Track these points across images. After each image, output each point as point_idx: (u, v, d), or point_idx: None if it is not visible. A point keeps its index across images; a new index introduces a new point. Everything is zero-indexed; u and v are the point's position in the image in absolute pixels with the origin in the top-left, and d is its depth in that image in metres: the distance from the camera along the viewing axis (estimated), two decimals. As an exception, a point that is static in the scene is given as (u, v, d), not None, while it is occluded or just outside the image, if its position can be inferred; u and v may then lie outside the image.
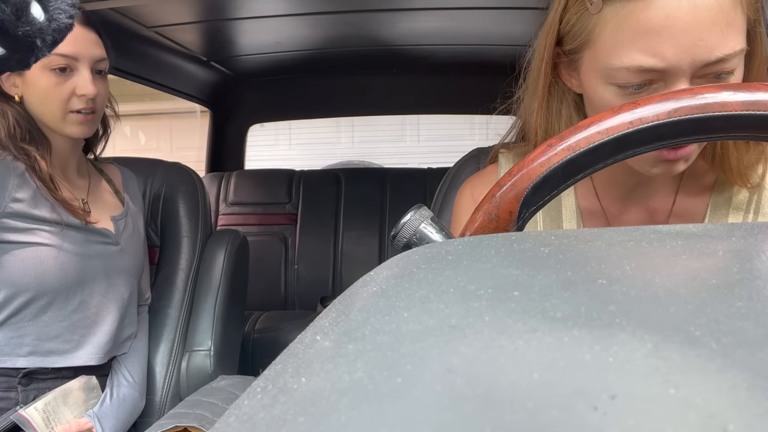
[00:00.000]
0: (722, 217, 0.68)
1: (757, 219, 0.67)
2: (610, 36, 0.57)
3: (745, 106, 0.38)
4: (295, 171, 2.47)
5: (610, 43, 0.57)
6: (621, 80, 0.57)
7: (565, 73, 0.67)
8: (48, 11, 0.68)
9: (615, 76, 0.58)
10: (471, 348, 0.17)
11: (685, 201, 0.70)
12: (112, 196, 1.22)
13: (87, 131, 1.08)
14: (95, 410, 1.07)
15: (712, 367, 0.15)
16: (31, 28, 0.66)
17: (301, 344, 0.21)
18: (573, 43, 0.62)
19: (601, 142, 0.40)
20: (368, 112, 2.71)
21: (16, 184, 1.02)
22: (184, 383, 1.26)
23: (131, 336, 1.19)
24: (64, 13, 0.70)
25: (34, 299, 1.02)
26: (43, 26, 0.68)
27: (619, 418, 0.13)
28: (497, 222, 0.41)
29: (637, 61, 0.55)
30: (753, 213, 0.67)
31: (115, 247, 1.14)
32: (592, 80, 0.61)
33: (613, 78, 0.58)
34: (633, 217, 0.72)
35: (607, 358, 0.15)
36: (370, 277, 0.25)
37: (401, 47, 2.03)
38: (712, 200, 0.69)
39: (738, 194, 0.68)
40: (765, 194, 0.68)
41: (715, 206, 0.69)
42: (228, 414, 0.17)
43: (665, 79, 0.56)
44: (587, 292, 0.20)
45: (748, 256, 0.24)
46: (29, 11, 0.66)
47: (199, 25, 1.78)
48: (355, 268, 2.28)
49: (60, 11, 0.69)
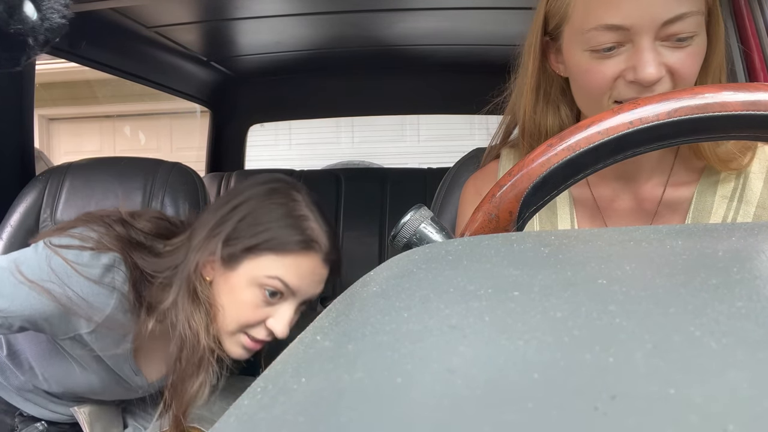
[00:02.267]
0: (707, 205, 0.69)
1: (740, 206, 0.68)
2: (582, 5, 0.64)
3: (745, 106, 0.38)
4: (294, 171, 2.47)
5: (582, 11, 0.64)
6: (592, 43, 0.63)
7: (553, 60, 0.72)
8: (41, 10, 0.68)
9: (587, 40, 0.63)
10: (471, 348, 0.17)
11: (674, 190, 0.72)
12: None
13: (245, 356, 0.91)
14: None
15: (712, 367, 0.15)
16: (24, 27, 0.66)
17: (301, 344, 0.21)
18: (554, 21, 0.68)
19: (601, 142, 0.40)
20: (368, 112, 2.70)
21: None
22: (184, 383, 1.25)
23: None
24: (57, 13, 0.69)
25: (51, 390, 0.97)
26: (36, 25, 0.67)
27: (619, 418, 0.13)
28: (497, 222, 0.41)
29: (604, 20, 0.61)
30: (737, 201, 0.68)
31: (138, 393, 1.02)
32: (571, 52, 0.67)
33: (587, 43, 0.64)
34: (624, 204, 0.74)
35: (607, 358, 0.15)
36: (370, 277, 0.25)
37: (401, 47, 2.03)
38: (698, 188, 0.71)
39: (724, 182, 0.69)
40: (750, 182, 0.69)
41: (700, 194, 0.70)
42: (228, 414, 0.17)
43: (632, 39, 0.62)
44: (587, 292, 0.20)
45: (748, 256, 0.24)
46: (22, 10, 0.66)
47: (199, 25, 1.78)
48: (355, 268, 2.27)
49: (53, 11, 0.69)
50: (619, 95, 0.64)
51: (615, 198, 0.74)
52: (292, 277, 0.86)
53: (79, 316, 0.83)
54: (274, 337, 0.88)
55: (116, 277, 0.85)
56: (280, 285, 0.86)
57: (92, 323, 0.84)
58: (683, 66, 0.62)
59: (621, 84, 0.63)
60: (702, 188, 0.70)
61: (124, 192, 1.25)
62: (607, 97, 0.65)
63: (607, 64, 0.63)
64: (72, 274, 0.81)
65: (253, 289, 0.85)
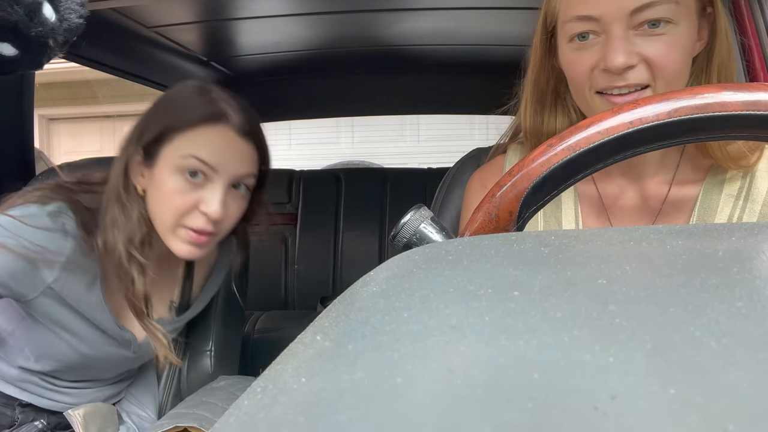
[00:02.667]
0: (713, 203, 0.70)
1: (747, 204, 0.68)
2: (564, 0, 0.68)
3: (745, 106, 0.38)
4: (295, 171, 2.47)
5: (564, 5, 0.68)
6: (569, 32, 0.67)
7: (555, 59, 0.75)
8: (59, 11, 0.68)
9: (565, 31, 0.67)
10: (471, 348, 0.17)
11: (680, 188, 0.72)
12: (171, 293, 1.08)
13: (195, 254, 0.90)
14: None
15: (712, 367, 0.15)
16: (44, 29, 0.67)
17: (301, 344, 0.21)
18: (550, 19, 0.71)
19: (601, 142, 0.40)
20: (368, 112, 2.70)
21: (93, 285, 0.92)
22: (184, 383, 1.25)
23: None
24: (74, 13, 0.70)
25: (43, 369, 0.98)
26: (55, 26, 0.68)
27: (619, 418, 0.13)
28: (497, 222, 0.41)
29: (577, 11, 0.65)
30: (743, 199, 0.68)
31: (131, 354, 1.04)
32: (560, 46, 0.70)
33: (565, 34, 0.67)
34: (628, 201, 0.74)
35: (607, 358, 0.15)
36: (370, 277, 0.25)
37: (401, 47, 2.03)
38: (704, 186, 0.71)
39: (731, 180, 0.70)
40: (756, 181, 0.68)
41: (706, 192, 0.70)
42: (228, 414, 0.17)
43: (605, 29, 0.64)
44: (587, 292, 0.20)
45: (748, 256, 0.24)
46: (41, 12, 0.66)
47: (199, 25, 1.78)
48: (355, 268, 2.27)
49: (70, 11, 0.70)
50: (597, 85, 0.66)
51: (620, 195, 0.74)
52: (205, 152, 0.86)
53: (40, 263, 0.85)
54: (216, 227, 0.89)
55: (66, 222, 0.87)
56: (197, 163, 0.86)
57: (54, 269, 0.86)
58: (659, 55, 0.62)
59: (597, 73, 0.65)
60: (708, 186, 0.70)
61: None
62: (587, 87, 0.67)
63: (585, 54, 0.66)
64: (22, 227, 0.83)
65: (175, 176, 0.87)
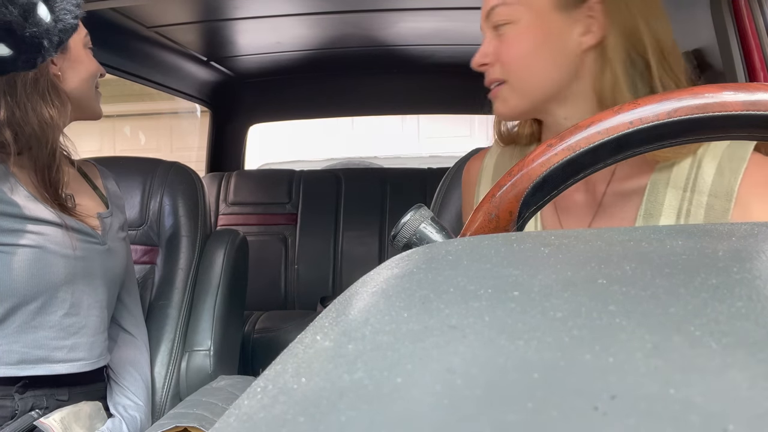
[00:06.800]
0: (660, 194, 0.70)
1: (693, 196, 0.68)
2: None
3: (745, 106, 0.38)
4: (295, 171, 2.47)
5: None
6: None
7: None
8: (54, 12, 0.68)
9: None
10: (471, 348, 0.17)
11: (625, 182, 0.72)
12: (93, 195, 1.15)
13: None
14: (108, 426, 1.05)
15: (712, 367, 0.15)
16: (39, 29, 0.67)
17: (301, 344, 0.21)
18: None
19: (601, 142, 0.40)
20: (368, 112, 2.70)
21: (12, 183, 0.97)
22: (183, 383, 1.26)
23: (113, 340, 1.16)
24: (69, 14, 0.70)
25: (20, 305, 0.97)
26: (50, 27, 0.68)
27: (619, 418, 0.13)
28: (497, 222, 0.41)
29: None
30: (690, 191, 0.68)
31: (102, 246, 1.08)
32: None
33: None
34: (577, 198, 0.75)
35: (607, 358, 0.15)
36: (370, 277, 0.25)
37: (401, 47, 2.03)
38: (651, 179, 0.71)
39: (678, 172, 0.70)
40: (702, 171, 0.68)
41: (654, 184, 0.70)
42: (228, 414, 0.17)
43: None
44: (587, 292, 0.20)
45: (748, 256, 0.24)
46: (36, 12, 0.67)
47: (199, 25, 1.78)
48: (355, 268, 2.28)
49: (65, 12, 0.70)
50: None
51: (570, 192, 0.75)
52: None
53: None
54: None
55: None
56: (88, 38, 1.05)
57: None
58: (501, 54, 0.70)
59: None
60: (656, 179, 0.70)
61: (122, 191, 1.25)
62: None
63: None
64: None
65: (84, 50, 1.05)
